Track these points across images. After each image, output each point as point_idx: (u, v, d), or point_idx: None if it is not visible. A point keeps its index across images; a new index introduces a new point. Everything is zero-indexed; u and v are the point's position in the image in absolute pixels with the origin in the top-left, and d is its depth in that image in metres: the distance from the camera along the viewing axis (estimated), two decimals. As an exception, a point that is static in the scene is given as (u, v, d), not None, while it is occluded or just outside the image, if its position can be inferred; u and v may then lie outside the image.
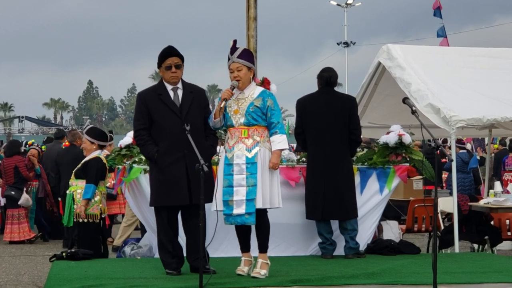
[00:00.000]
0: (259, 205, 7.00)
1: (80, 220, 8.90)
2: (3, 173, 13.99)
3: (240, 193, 6.98)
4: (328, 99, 8.54)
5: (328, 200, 8.33)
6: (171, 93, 7.18)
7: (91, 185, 8.80)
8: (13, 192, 13.67)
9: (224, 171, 7.05)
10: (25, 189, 13.80)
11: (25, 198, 13.67)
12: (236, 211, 6.99)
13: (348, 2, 54.31)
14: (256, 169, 7.03)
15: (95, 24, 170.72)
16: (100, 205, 8.97)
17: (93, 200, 8.89)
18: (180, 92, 7.21)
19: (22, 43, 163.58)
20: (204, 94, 7.44)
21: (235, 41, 7.26)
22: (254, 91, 7.24)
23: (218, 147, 7.48)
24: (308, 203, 8.45)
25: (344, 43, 55.94)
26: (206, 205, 6.97)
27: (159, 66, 7.21)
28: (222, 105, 7.04)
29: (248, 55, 7.26)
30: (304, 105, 8.62)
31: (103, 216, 9.05)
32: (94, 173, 8.86)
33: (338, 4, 54.71)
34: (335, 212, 8.37)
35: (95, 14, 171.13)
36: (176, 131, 6.91)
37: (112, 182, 11.15)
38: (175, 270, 7.09)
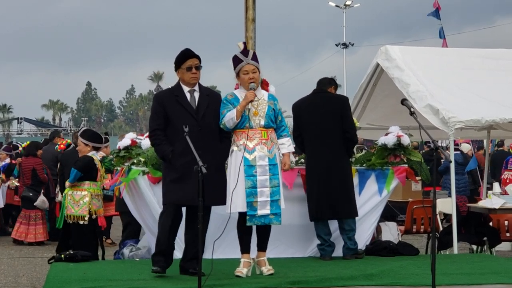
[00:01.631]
0: (283, 205, 7.23)
1: (71, 222, 9.00)
2: (20, 173, 13.99)
3: (264, 194, 7.12)
4: (321, 100, 8.61)
5: (328, 200, 8.33)
6: (188, 95, 7.23)
7: (74, 169, 9.00)
8: (31, 194, 13.71)
9: (246, 172, 7.10)
10: (42, 191, 13.85)
11: (41, 200, 13.74)
12: (261, 212, 7.11)
13: (347, 3, 54.30)
14: (277, 170, 7.24)
15: (94, 25, 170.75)
16: (90, 206, 9.03)
17: (81, 202, 8.99)
18: (196, 95, 7.26)
19: (21, 44, 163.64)
20: (220, 98, 7.43)
21: (245, 43, 7.40)
22: (262, 93, 7.39)
23: None
24: (311, 205, 8.45)
25: (342, 44, 55.92)
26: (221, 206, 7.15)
27: (178, 67, 7.26)
28: (249, 107, 7.13)
29: (257, 58, 7.39)
30: (299, 108, 8.69)
31: (93, 217, 9.08)
32: (81, 163, 9.10)
33: (336, 5, 54.71)
34: (338, 211, 8.38)
35: (94, 15, 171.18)
36: (191, 132, 6.87)
37: (109, 183, 11.16)
38: (160, 267, 7.03)
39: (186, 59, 7.21)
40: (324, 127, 8.46)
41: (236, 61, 7.33)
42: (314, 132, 8.49)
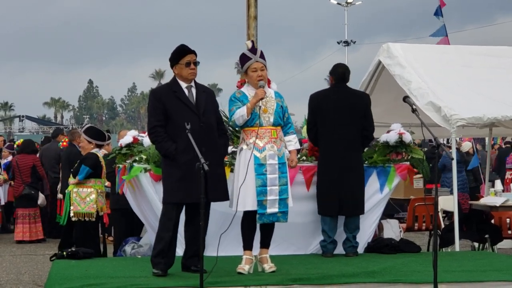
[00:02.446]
0: (291, 204, 7.30)
1: (77, 219, 9.02)
2: (17, 172, 13.90)
3: (273, 193, 7.18)
4: (343, 95, 8.56)
5: (343, 197, 8.36)
6: (186, 91, 7.20)
7: (86, 167, 9.00)
8: (33, 192, 13.67)
9: (256, 171, 7.13)
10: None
11: (42, 198, 13.73)
12: (270, 210, 7.18)
13: (348, 1, 54.23)
14: (286, 169, 7.31)
15: (95, 24, 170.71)
16: (96, 203, 9.05)
17: (88, 199, 9.01)
18: (194, 91, 7.23)
19: (23, 43, 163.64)
20: (214, 95, 7.48)
21: (253, 41, 7.46)
22: (270, 91, 7.43)
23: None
24: (322, 200, 8.43)
25: (344, 42, 55.87)
26: (225, 203, 7.20)
27: (175, 63, 7.19)
28: (260, 104, 7.16)
29: (264, 57, 7.41)
30: (317, 100, 8.60)
31: (100, 214, 9.11)
32: (92, 160, 9.18)
33: (338, 3, 54.66)
34: (349, 208, 8.40)
35: (95, 14, 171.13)
36: (194, 128, 6.81)
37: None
38: (161, 270, 7.00)
39: (184, 55, 7.17)
40: (341, 122, 8.41)
41: (245, 59, 7.34)
42: (332, 126, 8.42)
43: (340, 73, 8.65)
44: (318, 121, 8.53)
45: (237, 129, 7.54)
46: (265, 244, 7.35)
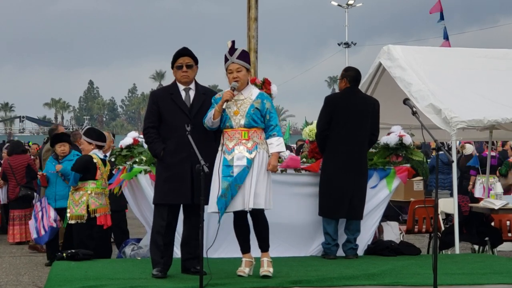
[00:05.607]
0: (263, 206, 6.97)
1: (73, 222, 9.11)
2: (10, 173, 13.81)
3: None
4: (358, 99, 8.61)
5: (356, 199, 8.39)
6: (183, 93, 7.23)
7: (72, 172, 9.13)
8: (29, 192, 13.60)
9: (223, 173, 6.98)
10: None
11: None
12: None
13: (349, 2, 54.30)
14: (253, 168, 6.98)
15: (96, 24, 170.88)
16: (88, 205, 9.12)
17: (80, 201, 9.10)
18: (192, 93, 7.25)
19: (23, 43, 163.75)
20: None
21: (233, 42, 7.25)
22: (251, 92, 7.22)
23: None
24: (331, 201, 8.42)
25: (345, 43, 55.93)
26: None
27: (172, 66, 7.30)
28: (224, 106, 7.00)
29: (247, 57, 7.25)
30: (336, 102, 8.58)
31: (91, 216, 9.16)
32: (78, 164, 9.21)
33: (339, 5, 54.72)
34: (359, 211, 8.45)
35: (95, 14, 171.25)
36: (184, 130, 6.86)
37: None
38: (160, 272, 7.01)
39: (177, 58, 7.23)
40: (355, 125, 8.44)
41: (224, 60, 7.27)
42: (347, 130, 8.43)
43: (354, 76, 8.67)
44: (335, 124, 8.48)
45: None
46: (261, 247, 7.20)
